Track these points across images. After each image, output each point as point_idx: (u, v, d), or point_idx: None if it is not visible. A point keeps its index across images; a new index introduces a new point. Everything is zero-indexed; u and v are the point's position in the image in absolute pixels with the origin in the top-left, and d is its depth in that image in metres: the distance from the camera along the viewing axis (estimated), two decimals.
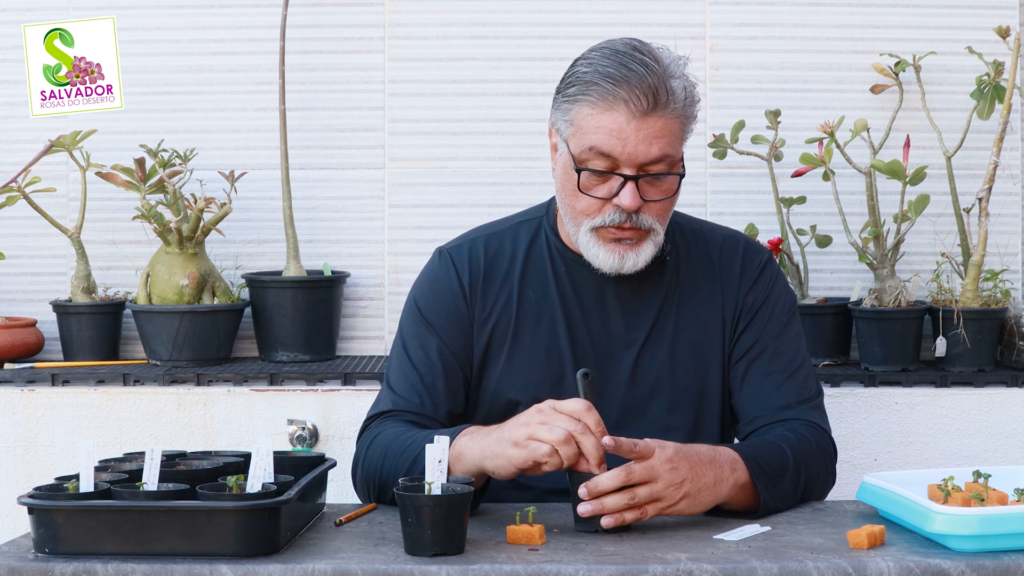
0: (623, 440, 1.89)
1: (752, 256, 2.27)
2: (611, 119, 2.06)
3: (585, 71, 2.09)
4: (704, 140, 3.14)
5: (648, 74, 2.05)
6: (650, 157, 2.07)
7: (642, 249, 2.13)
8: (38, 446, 2.89)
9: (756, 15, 3.17)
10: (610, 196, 2.09)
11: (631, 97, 2.04)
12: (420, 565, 1.74)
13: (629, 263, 2.13)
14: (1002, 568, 1.72)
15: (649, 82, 2.04)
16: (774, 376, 2.20)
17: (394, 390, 2.21)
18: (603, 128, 2.06)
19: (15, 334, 3.06)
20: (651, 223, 2.11)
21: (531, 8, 3.18)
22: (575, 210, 2.13)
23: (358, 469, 2.16)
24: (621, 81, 2.05)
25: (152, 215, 2.98)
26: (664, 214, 2.14)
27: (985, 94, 2.95)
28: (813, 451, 2.12)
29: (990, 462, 2.87)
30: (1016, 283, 3.14)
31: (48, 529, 1.78)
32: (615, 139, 2.06)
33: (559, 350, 2.20)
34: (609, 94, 2.05)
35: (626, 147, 2.06)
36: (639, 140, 2.05)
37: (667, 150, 2.08)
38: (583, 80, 2.08)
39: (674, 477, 1.91)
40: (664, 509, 1.91)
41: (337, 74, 3.19)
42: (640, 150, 2.06)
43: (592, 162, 2.08)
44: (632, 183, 2.07)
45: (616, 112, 2.05)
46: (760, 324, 2.22)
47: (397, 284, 3.19)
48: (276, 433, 2.86)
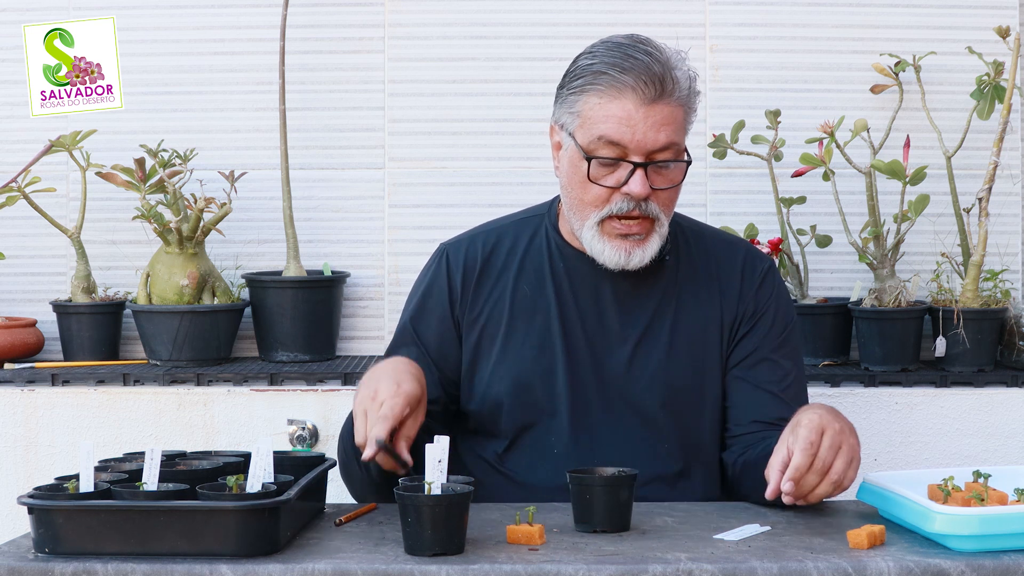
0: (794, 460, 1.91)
1: (754, 264, 2.28)
2: (620, 107, 2.08)
3: (590, 63, 2.12)
4: (704, 140, 3.14)
5: (653, 62, 2.08)
6: (658, 144, 2.09)
7: (648, 244, 2.14)
8: (38, 446, 2.89)
9: (756, 15, 3.18)
10: (619, 185, 2.11)
11: (638, 84, 2.07)
12: (420, 565, 1.74)
13: (636, 259, 2.14)
14: (1002, 568, 1.72)
15: (655, 70, 2.08)
16: (771, 386, 2.21)
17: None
18: (612, 116, 2.09)
19: (15, 334, 3.06)
20: (658, 212, 2.13)
21: (531, 8, 3.18)
22: (583, 202, 2.14)
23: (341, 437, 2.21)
24: (628, 69, 2.08)
25: (152, 215, 2.98)
26: (669, 204, 2.15)
27: (985, 94, 2.95)
28: None
29: (990, 462, 2.86)
30: (1016, 283, 3.14)
31: (48, 529, 1.78)
32: (624, 126, 2.08)
33: (551, 346, 2.21)
34: (617, 82, 2.08)
35: (635, 134, 2.08)
36: (648, 127, 2.08)
37: (673, 137, 2.10)
38: (589, 71, 2.11)
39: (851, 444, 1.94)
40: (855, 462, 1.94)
41: (337, 74, 3.19)
42: (649, 137, 2.08)
43: (601, 151, 2.10)
44: (641, 170, 2.09)
45: (624, 100, 2.08)
46: (759, 334, 2.23)
47: (397, 284, 3.19)
48: (276, 433, 2.86)
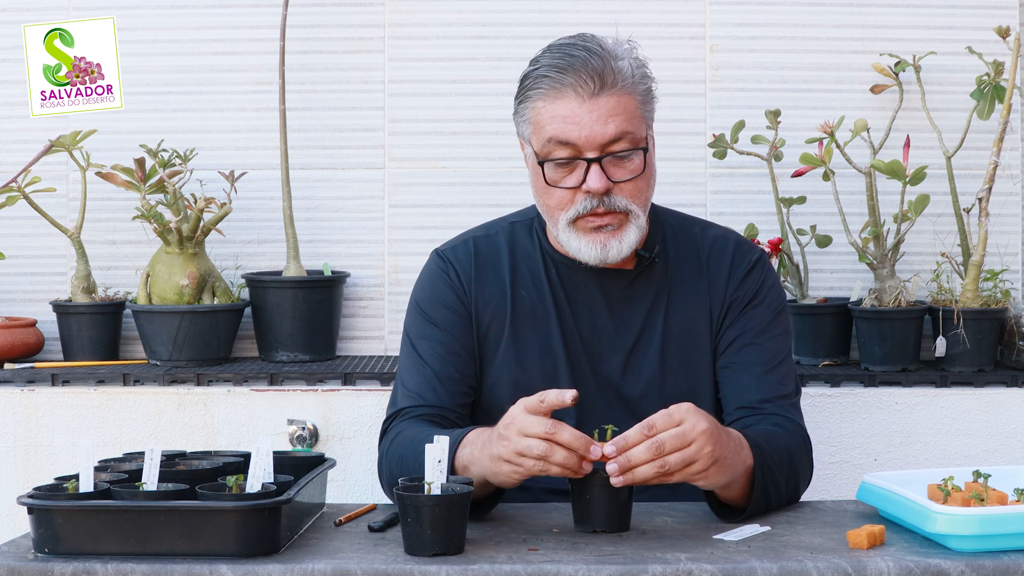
0: (648, 420, 1.85)
1: (743, 254, 2.27)
2: (562, 106, 2.09)
3: (533, 69, 2.15)
4: (704, 140, 3.14)
5: (591, 57, 2.09)
6: (608, 136, 2.09)
7: (625, 235, 2.13)
8: (38, 446, 2.89)
9: (756, 15, 3.17)
10: (578, 184, 2.11)
11: (577, 81, 2.09)
12: (420, 565, 1.74)
13: (613, 251, 2.13)
14: (1002, 568, 1.72)
15: (593, 64, 2.09)
16: (754, 369, 2.20)
17: (407, 387, 2.22)
18: (557, 116, 2.10)
19: (15, 334, 3.06)
20: (626, 204, 2.12)
21: (531, 8, 3.18)
22: (549, 207, 2.15)
23: (383, 475, 2.18)
24: (567, 68, 2.09)
25: (152, 215, 2.98)
26: (639, 195, 2.14)
27: (985, 94, 2.95)
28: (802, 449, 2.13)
29: (990, 462, 2.86)
30: (1016, 283, 3.14)
31: (48, 529, 1.78)
32: (570, 124, 2.09)
33: (552, 352, 2.21)
34: (556, 83, 2.10)
35: (582, 130, 2.08)
36: (593, 121, 2.08)
37: (624, 127, 2.10)
38: (532, 77, 2.14)
39: (705, 442, 1.85)
40: (694, 476, 1.87)
41: (337, 74, 3.19)
42: (596, 130, 2.08)
43: (555, 152, 2.11)
44: (596, 165, 2.09)
45: (566, 99, 2.09)
46: (746, 319, 2.23)
47: (397, 284, 3.19)
48: (276, 433, 2.86)
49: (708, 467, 1.87)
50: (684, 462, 1.85)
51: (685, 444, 1.85)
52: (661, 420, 1.85)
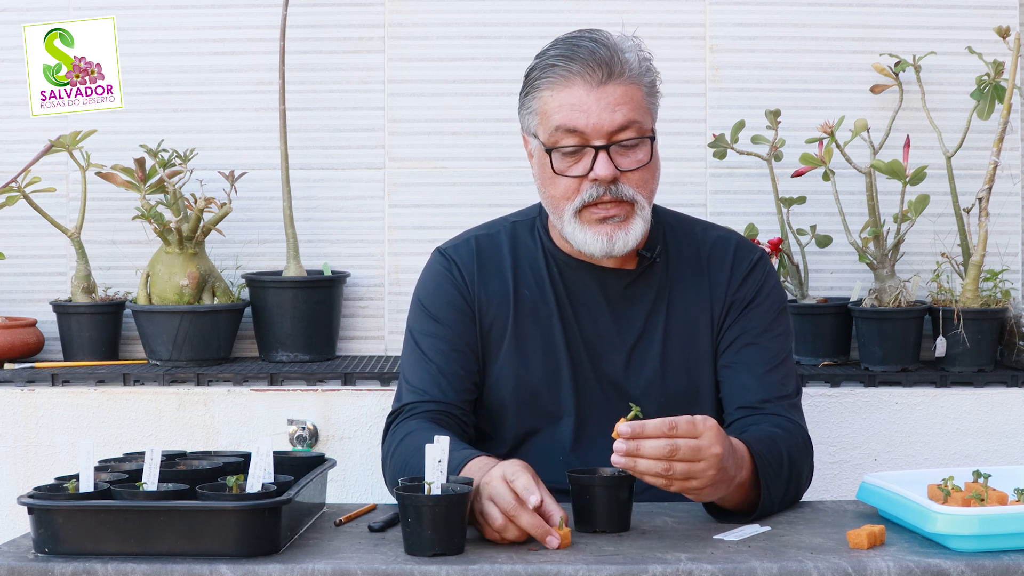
0: (672, 420, 1.83)
1: (743, 254, 2.27)
2: (571, 94, 2.11)
3: (539, 62, 2.16)
4: (704, 140, 3.14)
5: (598, 47, 2.11)
6: (615, 124, 2.10)
7: (631, 227, 2.14)
8: (38, 446, 2.89)
9: (756, 15, 3.17)
10: (585, 172, 2.12)
11: (585, 70, 2.10)
12: (420, 565, 1.74)
13: (619, 243, 2.14)
14: (1002, 568, 1.72)
15: (600, 54, 2.11)
16: (755, 369, 2.20)
17: (411, 383, 2.22)
18: (565, 105, 2.11)
19: (15, 334, 3.06)
20: (632, 194, 2.13)
21: (531, 8, 3.18)
22: (555, 197, 2.15)
23: (387, 474, 2.18)
24: (574, 58, 2.11)
25: (152, 215, 2.98)
26: (644, 185, 2.14)
27: (985, 94, 2.95)
28: (803, 450, 2.13)
29: (990, 462, 2.86)
30: (1016, 283, 3.14)
31: (48, 529, 1.78)
32: (578, 112, 2.10)
33: (555, 350, 2.21)
34: (564, 71, 2.11)
35: (590, 118, 2.10)
36: (601, 109, 2.10)
37: (632, 116, 2.11)
38: (539, 69, 2.15)
39: (712, 465, 1.85)
40: (687, 489, 1.87)
41: (337, 74, 3.19)
42: (604, 118, 2.09)
43: (562, 141, 2.12)
44: (604, 152, 2.10)
45: (574, 87, 2.11)
46: (747, 318, 2.23)
47: (397, 284, 3.19)
48: (276, 433, 2.86)
49: (703, 488, 1.87)
50: (686, 475, 1.85)
51: (695, 459, 1.84)
52: (684, 426, 1.84)
